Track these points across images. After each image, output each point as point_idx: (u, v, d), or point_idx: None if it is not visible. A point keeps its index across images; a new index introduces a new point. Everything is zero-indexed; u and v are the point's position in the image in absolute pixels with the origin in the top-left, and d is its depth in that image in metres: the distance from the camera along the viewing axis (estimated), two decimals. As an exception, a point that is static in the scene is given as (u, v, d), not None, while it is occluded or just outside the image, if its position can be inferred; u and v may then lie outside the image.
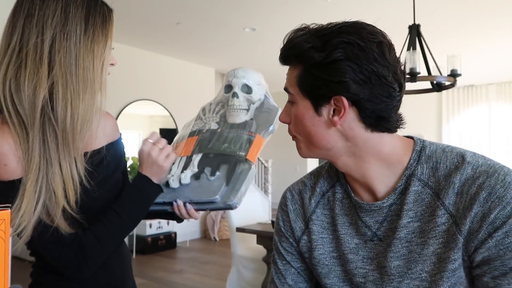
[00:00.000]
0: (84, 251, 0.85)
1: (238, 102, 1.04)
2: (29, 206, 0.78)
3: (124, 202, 0.91)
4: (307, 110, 0.73)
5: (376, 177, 0.75)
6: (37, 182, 0.79)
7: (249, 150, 0.98)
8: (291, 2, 4.07)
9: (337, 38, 0.67)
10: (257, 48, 5.67)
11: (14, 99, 0.79)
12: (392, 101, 0.70)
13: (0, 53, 0.82)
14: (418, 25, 3.21)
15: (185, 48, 5.73)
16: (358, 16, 0.77)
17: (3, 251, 0.56)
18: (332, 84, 0.68)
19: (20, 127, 0.80)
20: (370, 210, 0.77)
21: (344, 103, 0.68)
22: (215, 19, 4.55)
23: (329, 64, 0.67)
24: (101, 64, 0.86)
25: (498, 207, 0.65)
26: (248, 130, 1.01)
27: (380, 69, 0.67)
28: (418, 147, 0.75)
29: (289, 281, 0.89)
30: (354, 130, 0.72)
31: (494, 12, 4.29)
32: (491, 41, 5.22)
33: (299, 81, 0.72)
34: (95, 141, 0.90)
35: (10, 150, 0.79)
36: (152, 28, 4.81)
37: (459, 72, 3.17)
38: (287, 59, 0.75)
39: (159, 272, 4.48)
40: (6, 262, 0.61)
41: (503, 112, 7.58)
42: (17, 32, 0.81)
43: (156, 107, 6.01)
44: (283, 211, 0.90)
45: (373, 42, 0.67)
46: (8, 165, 0.79)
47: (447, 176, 0.71)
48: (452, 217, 0.69)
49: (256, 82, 1.06)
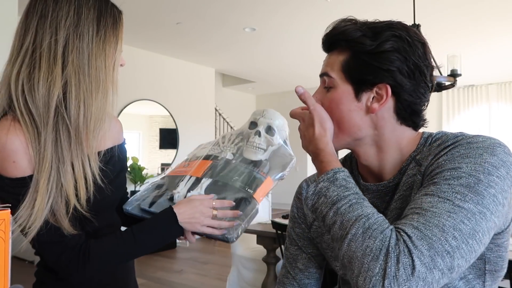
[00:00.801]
0: (87, 257, 0.85)
1: (258, 141, 1.05)
2: (42, 203, 0.79)
3: (144, 227, 0.91)
4: (347, 95, 0.75)
5: (388, 165, 0.79)
6: (49, 180, 0.80)
7: (258, 189, 1.00)
8: (291, 2, 4.07)
9: (388, 31, 0.72)
10: (257, 48, 5.67)
11: (27, 99, 0.80)
12: (425, 98, 0.75)
13: (12, 53, 0.84)
14: (418, 25, 3.21)
15: (185, 48, 5.73)
16: (358, 16, 0.78)
17: (3, 251, 0.56)
18: (380, 71, 0.72)
19: (32, 126, 0.81)
20: (377, 190, 0.80)
21: (388, 90, 0.72)
22: (215, 19, 4.56)
23: (380, 53, 0.71)
24: (112, 64, 0.88)
25: (444, 144, 0.70)
26: (262, 170, 1.03)
27: (422, 67, 0.72)
28: (425, 135, 0.79)
29: (299, 265, 0.93)
30: (386, 120, 0.75)
31: (494, 12, 4.29)
32: (491, 41, 5.22)
33: (345, 65, 0.75)
34: (106, 141, 0.93)
35: (21, 147, 0.80)
36: (152, 28, 4.81)
37: (459, 72, 3.17)
38: (335, 43, 0.77)
39: (159, 272, 4.48)
40: (6, 262, 0.61)
41: (503, 112, 7.58)
42: (31, 33, 0.82)
43: (156, 107, 6.01)
44: (298, 199, 0.96)
45: (419, 42, 0.73)
46: (17, 162, 0.80)
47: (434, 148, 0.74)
48: (420, 167, 0.73)
49: (280, 127, 1.09)
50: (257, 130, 1.07)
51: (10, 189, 0.81)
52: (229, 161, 1.05)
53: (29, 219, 0.78)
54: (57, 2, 0.83)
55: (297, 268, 0.94)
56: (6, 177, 0.81)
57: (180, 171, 1.08)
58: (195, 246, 5.80)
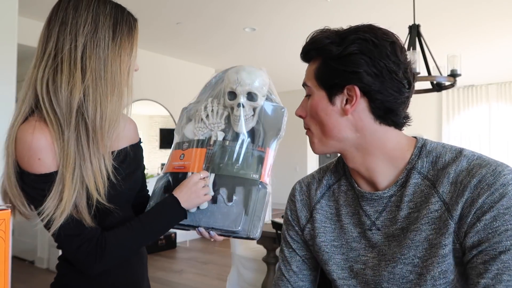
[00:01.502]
0: (104, 248, 0.90)
1: (244, 112, 1.02)
2: (69, 196, 0.86)
3: (150, 215, 0.99)
4: (322, 100, 0.79)
5: (379, 171, 0.80)
6: (74, 175, 0.87)
7: (262, 170, 0.99)
8: (291, 2, 4.07)
9: (353, 35, 0.75)
10: (257, 48, 5.67)
11: (51, 100, 0.87)
12: (400, 96, 0.76)
13: (37, 58, 0.91)
14: (418, 25, 3.21)
15: (185, 48, 5.73)
16: (358, 16, 0.80)
17: (3, 251, 0.57)
18: (347, 74, 0.75)
19: (56, 125, 0.87)
20: (371, 199, 0.81)
21: (356, 92, 0.75)
22: (215, 19, 4.56)
23: (345, 56, 0.75)
24: (127, 69, 0.95)
25: (487, 193, 0.69)
26: (257, 144, 1.01)
27: (391, 65, 0.74)
28: (419, 144, 0.80)
29: (294, 268, 0.94)
30: (364, 121, 0.77)
31: (494, 12, 4.29)
32: (491, 41, 5.22)
33: (317, 73, 0.80)
34: (120, 142, 1.00)
35: (47, 145, 0.86)
36: (152, 28, 4.81)
37: (459, 72, 3.18)
38: (307, 53, 0.82)
39: (159, 272, 4.48)
40: (6, 262, 0.61)
41: (503, 112, 7.58)
42: (53, 39, 0.89)
43: (156, 107, 6.01)
44: (292, 201, 0.96)
45: (386, 41, 0.75)
46: (42, 159, 0.86)
47: (444, 168, 0.75)
48: (445, 204, 0.73)
49: (260, 86, 1.04)
50: (239, 102, 1.02)
51: (36, 184, 0.86)
52: (223, 144, 1.03)
53: (55, 210, 0.84)
54: (77, 10, 0.89)
55: (291, 271, 0.94)
56: (32, 173, 0.86)
57: (180, 166, 1.06)
58: (195, 246, 5.80)
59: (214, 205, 1.00)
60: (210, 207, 1.00)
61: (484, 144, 7.66)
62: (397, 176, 0.79)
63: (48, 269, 4.61)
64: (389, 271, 0.77)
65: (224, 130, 1.05)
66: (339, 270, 0.85)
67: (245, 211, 0.97)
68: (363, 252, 0.82)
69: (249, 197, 0.97)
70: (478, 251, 0.68)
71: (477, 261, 0.68)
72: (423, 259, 0.74)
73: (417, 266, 0.74)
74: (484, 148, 7.62)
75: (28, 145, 0.85)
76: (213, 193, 1.00)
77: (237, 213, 0.97)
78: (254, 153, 1.00)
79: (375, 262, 0.80)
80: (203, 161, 1.03)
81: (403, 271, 0.76)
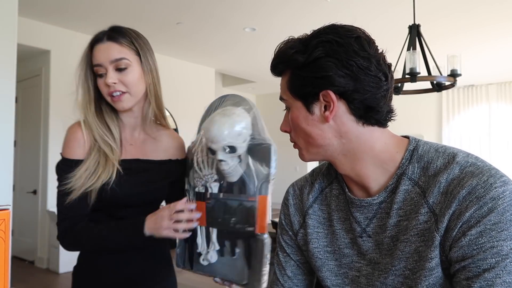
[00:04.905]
0: (75, 234, 1.08)
1: (227, 166, 0.99)
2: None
3: (115, 227, 1.08)
4: (300, 111, 0.77)
5: (370, 175, 0.77)
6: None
7: (257, 219, 0.97)
8: (291, 2, 4.07)
9: (316, 39, 0.73)
10: (257, 48, 5.67)
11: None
12: (379, 90, 0.72)
13: None
14: (418, 25, 3.21)
15: (185, 48, 5.73)
16: (358, 16, 0.79)
17: (3, 251, 0.57)
18: (317, 80, 0.72)
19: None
20: (361, 205, 0.79)
21: (332, 96, 0.72)
22: (215, 19, 4.56)
23: (312, 62, 0.72)
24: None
25: (475, 206, 0.65)
26: (249, 194, 0.98)
27: (361, 61, 0.71)
28: (411, 147, 0.76)
29: (288, 273, 0.93)
30: (346, 125, 0.74)
31: (494, 12, 4.29)
32: (491, 41, 5.22)
33: (289, 85, 0.77)
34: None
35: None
36: (152, 28, 4.81)
37: (459, 72, 3.17)
38: (276, 68, 0.80)
39: (159, 272, 4.47)
40: (6, 262, 0.61)
41: (503, 112, 7.58)
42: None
43: (156, 107, 5.99)
44: (285, 204, 0.95)
45: (350, 38, 0.72)
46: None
47: (435, 175, 0.71)
48: (434, 215, 0.69)
49: (237, 133, 0.98)
50: (219, 159, 1.00)
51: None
52: (218, 198, 1.02)
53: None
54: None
55: (286, 276, 0.93)
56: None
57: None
58: (195, 246, 5.78)
59: (223, 257, 1.02)
60: (220, 259, 1.02)
61: (484, 144, 7.66)
62: (387, 181, 0.76)
63: (48, 269, 4.61)
64: (381, 282, 0.76)
65: (218, 179, 1.02)
66: (333, 277, 0.84)
67: (248, 264, 0.98)
68: (356, 259, 0.80)
69: (250, 250, 0.98)
70: (461, 266, 0.65)
71: (461, 277, 0.65)
72: (413, 271, 0.72)
73: (408, 278, 0.72)
74: (484, 148, 7.62)
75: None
76: (219, 247, 1.02)
77: (241, 266, 0.99)
78: (247, 204, 0.98)
79: (368, 270, 0.79)
80: (205, 215, 1.04)
81: (395, 282, 0.74)
